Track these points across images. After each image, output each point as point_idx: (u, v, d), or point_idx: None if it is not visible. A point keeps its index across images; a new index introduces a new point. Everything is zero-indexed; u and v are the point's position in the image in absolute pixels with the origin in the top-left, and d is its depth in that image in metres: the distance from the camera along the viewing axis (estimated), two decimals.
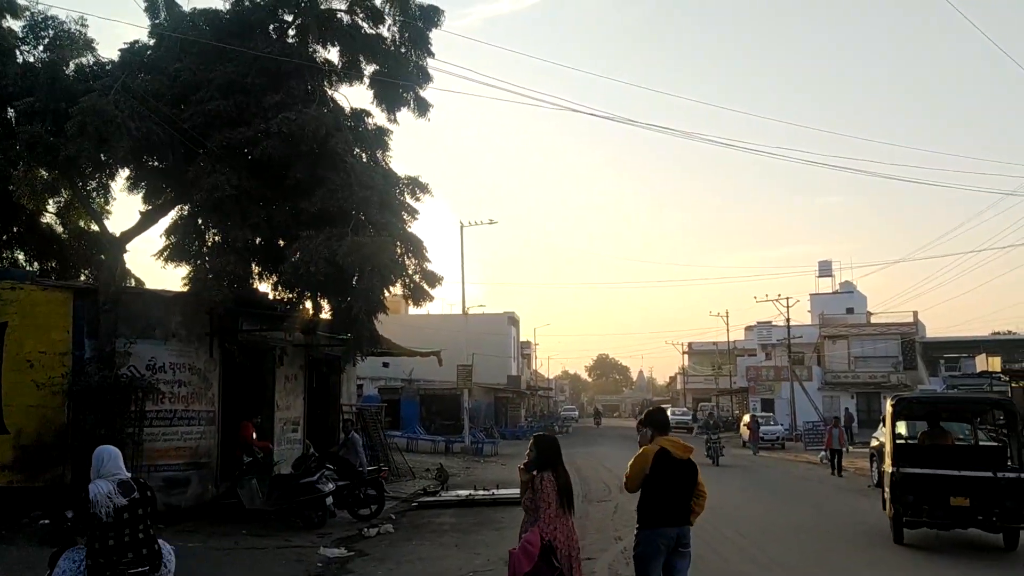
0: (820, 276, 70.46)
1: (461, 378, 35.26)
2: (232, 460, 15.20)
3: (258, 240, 14.01)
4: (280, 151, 12.46)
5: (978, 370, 38.58)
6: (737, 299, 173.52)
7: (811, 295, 68.38)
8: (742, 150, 68.83)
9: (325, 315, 14.48)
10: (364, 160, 13.94)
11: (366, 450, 22.44)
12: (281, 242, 13.85)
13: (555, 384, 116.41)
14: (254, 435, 15.24)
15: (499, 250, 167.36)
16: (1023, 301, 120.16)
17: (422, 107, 14.71)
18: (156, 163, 13.86)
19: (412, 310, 61.56)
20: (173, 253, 13.33)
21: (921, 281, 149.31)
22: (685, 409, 71.86)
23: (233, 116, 12.88)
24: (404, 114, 14.89)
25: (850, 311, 67.05)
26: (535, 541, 5.81)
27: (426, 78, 14.78)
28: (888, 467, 12.38)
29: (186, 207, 13.73)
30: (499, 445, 37.61)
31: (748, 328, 75.57)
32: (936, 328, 65.11)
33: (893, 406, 12.72)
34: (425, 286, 13.64)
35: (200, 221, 13.32)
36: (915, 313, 61.76)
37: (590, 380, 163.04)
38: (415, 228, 14.20)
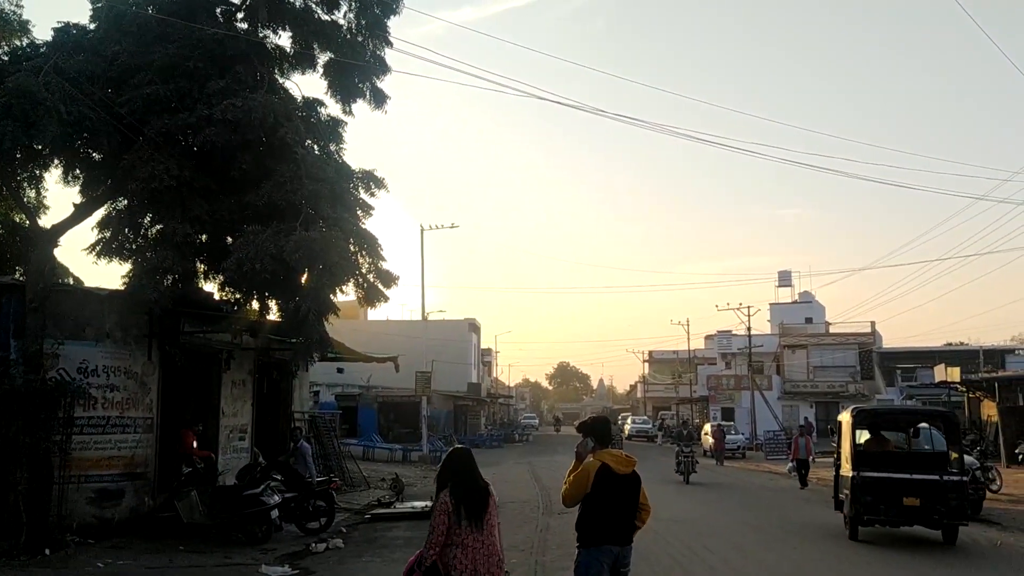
0: (780, 286, 70.80)
1: (420, 385, 34.40)
2: (171, 470, 14.28)
3: (203, 237, 13.15)
4: (224, 139, 11.61)
5: (936, 380, 38.87)
6: (697, 308, 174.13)
7: (771, 304, 68.62)
8: (711, 144, 68.26)
9: (274, 316, 13.61)
10: (316, 152, 13.14)
11: (318, 459, 21.59)
12: (229, 239, 13.00)
13: (516, 392, 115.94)
14: (195, 444, 14.33)
15: (460, 255, 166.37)
16: (980, 312, 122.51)
17: (379, 98, 13.96)
18: (90, 151, 12.92)
19: (371, 315, 60.65)
20: (106, 248, 12.38)
21: (880, 292, 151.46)
22: (646, 417, 71.64)
23: (174, 101, 12.01)
24: (360, 106, 14.14)
25: (809, 321, 67.43)
26: (408, 563, 5.72)
27: (383, 68, 14.05)
28: (848, 471, 13.65)
29: (123, 199, 12.80)
30: None
31: (708, 337, 75.76)
32: (893, 339, 65.85)
33: (853, 416, 14.11)
34: (380, 286, 12.85)
35: (136, 214, 12.38)
36: (872, 323, 62.31)
37: (551, 388, 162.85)
38: (370, 225, 13.41)
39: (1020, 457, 27.89)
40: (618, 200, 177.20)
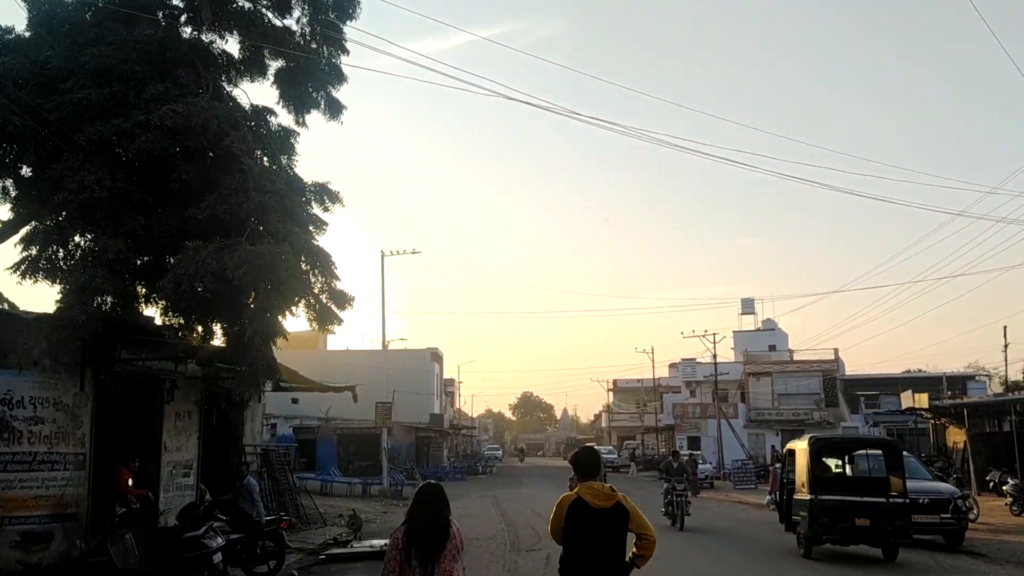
0: (743, 313, 70.75)
1: (380, 416, 33.33)
2: (106, 510, 13.10)
3: (143, 257, 12.12)
4: (162, 148, 10.65)
5: (903, 407, 38.62)
6: (659, 337, 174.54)
7: (734, 332, 68.43)
8: (683, 150, 68.08)
9: (218, 341, 12.59)
10: (265, 164, 12.22)
11: (270, 496, 20.40)
12: (171, 259, 12.00)
13: (479, 423, 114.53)
14: (130, 481, 13.17)
15: (422, 281, 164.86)
16: (938, 341, 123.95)
17: (334, 109, 13.12)
18: (19, 162, 11.87)
19: (331, 345, 59.30)
20: (31, 267, 11.24)
21: (844, 319, 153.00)
22: (611, 447, 70.64)
23: (108, 107, 11.03)
24: (315, 117, 13.28)
25: (773, 348, 67.33)
26: None
27: (339, 77, 13.22)
28: (805, 495, 14.73)
29: (52, 214, 11.74)
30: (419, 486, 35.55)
31: (672, 365, 75.28)
32: (855, 366, 65.89)
33: (810, 445, 15.34)
34: (334, 307, 11.90)
35: (65, 229, 11.31)
36: (836, 351, 62.26)
37: (514, 419, 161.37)
38: (324, 242, 12.49)
39: (991, 484, 27.46)
40: (577, 229, 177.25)
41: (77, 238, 11.42)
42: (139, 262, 12.22)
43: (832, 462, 16.45)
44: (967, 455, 30.59)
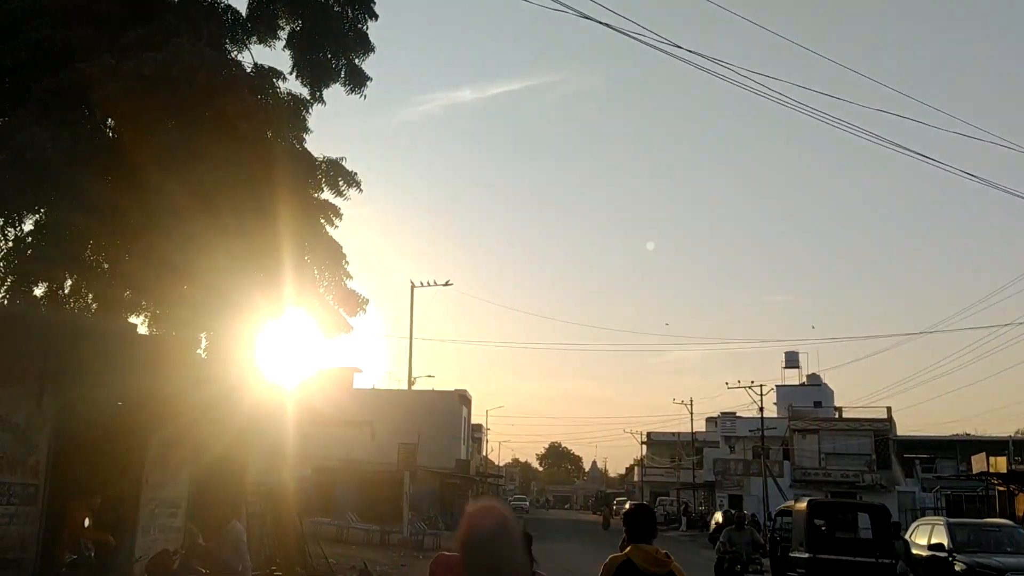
0: (787, 367, 67.60)
1: (403, 458, 30.81)
2: (60, 554, 10.74)
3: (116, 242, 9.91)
4: (135, 100, 8.49)
5: (974, 471, 35.35)
6: (695, 391, 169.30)
7: (777, 386, 64.99)
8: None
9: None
10: (268, 136, 10.00)
11: (270, 542, 17.96)
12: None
13: (505, 471, 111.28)
14: (87, 522, 10.79)
15: (451, 317, 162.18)
16: (991, 407, 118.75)
17: (356, 79, 10.94)
18: None
19: (356, 383, 56.92)
20: None
21: (895, 380, 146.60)
22: (645, 503, 67.29)
23: (72, 52, 8.91)
24: (335, 91, 11.10)
25: (818, 404, 64.03)
26: None
27: (365, 45, 11.06)
28: (803, 553, 15.76)
29: None
30: (443, 537, 32.75)
31: (710, 419, 72.07)
32: (905, 427, 61.99)
33: (809, 507, 16.66)
34: (343, 312, 9.56)
35: (6, 198, 9.12)
36: (888, 409, 58.67)
37: (541, 469, 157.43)
38: (338, 235, 10.20)
39: None
40: (609, 286, 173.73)
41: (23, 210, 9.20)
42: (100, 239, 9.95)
43: (827, 523, 17.81)
44: None
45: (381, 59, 12.30)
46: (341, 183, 10.07)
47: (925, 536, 16.96)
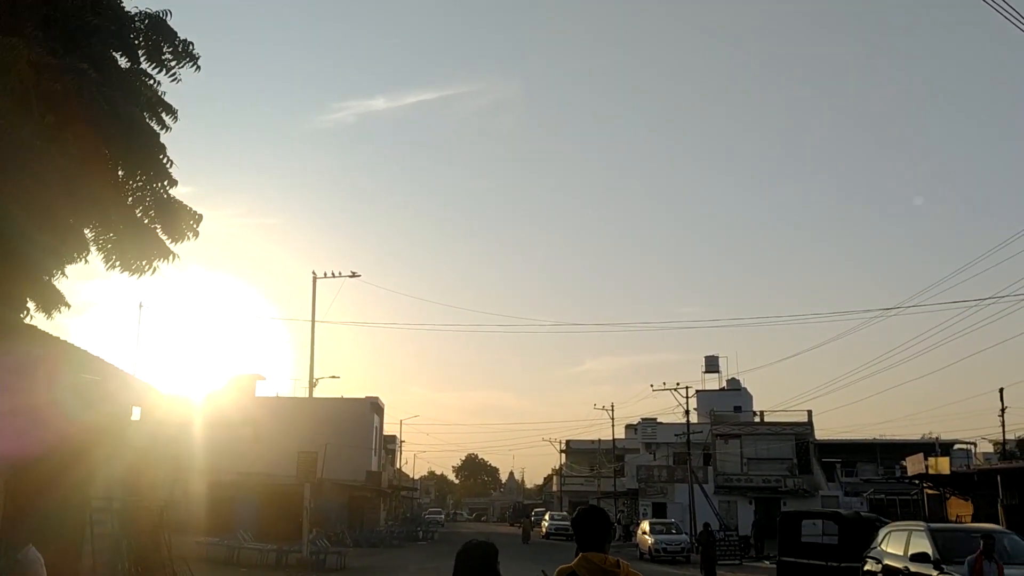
0: (707, 372, 66.24)
1: (303, 469, 27.48)
2: None
3: None
4: None
5: (910, 473, 34.12)
6: (612, 399, 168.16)
7: (698, 391, 63.53)
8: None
9: None
10: None
11: (127, 566, 14.61)
12: None
13: (420, 484, 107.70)
14: None
15: (359, 311, 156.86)
16: (907, 411, 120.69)
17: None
18: None
19: (258, 391, 52.72)
20: None
21: (814, 384, 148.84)
22: (564, 513, 64.61)
23: None
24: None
25: (738, 409, 62.78)
26: None
27: None
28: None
29: None
30: (348, 556, 29.47)
31: (629, 426, 70.34)
32: (823, 431, 61.16)
33: (781, 518, 21.39)
34: (160, 232, 6.47)
35: None
36: (809, 413, 57.76)
37: (457, 482, 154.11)
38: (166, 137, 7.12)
39: None
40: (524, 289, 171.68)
41: None
42: None
43: (794, 529, 20.30)
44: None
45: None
46: (165, 50, 6.87)
47: (900, 544, 14.43)
